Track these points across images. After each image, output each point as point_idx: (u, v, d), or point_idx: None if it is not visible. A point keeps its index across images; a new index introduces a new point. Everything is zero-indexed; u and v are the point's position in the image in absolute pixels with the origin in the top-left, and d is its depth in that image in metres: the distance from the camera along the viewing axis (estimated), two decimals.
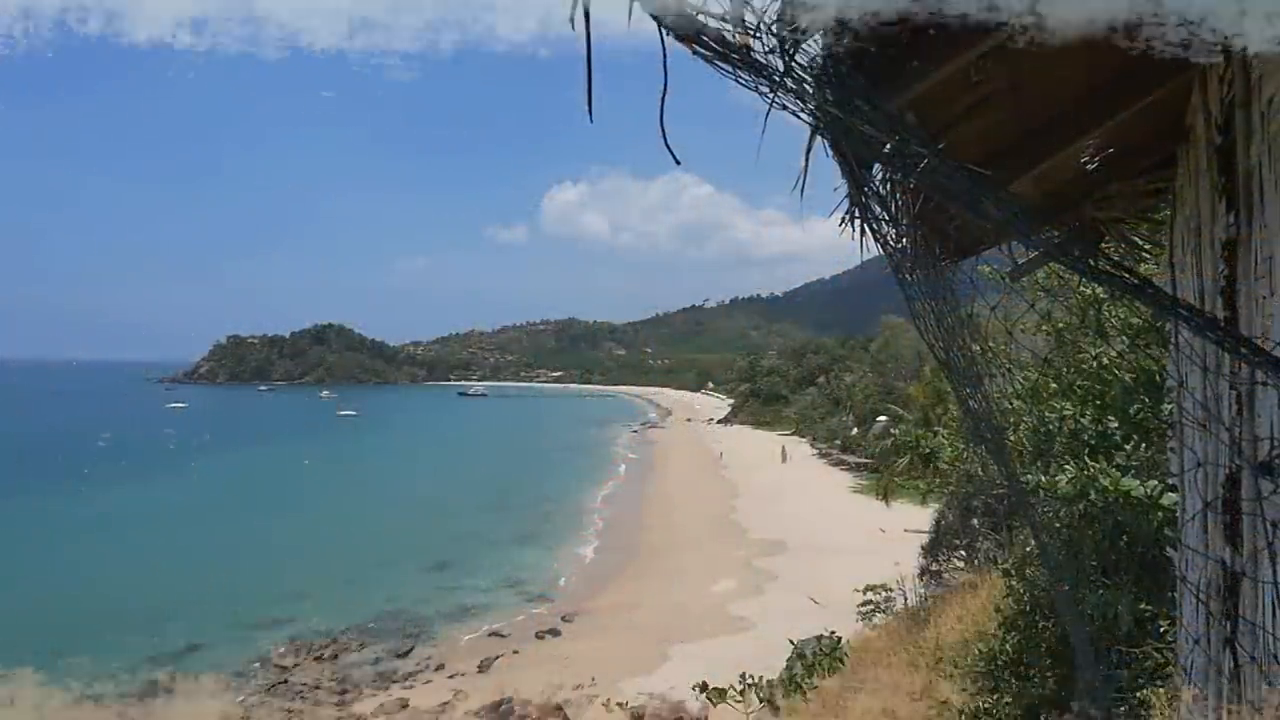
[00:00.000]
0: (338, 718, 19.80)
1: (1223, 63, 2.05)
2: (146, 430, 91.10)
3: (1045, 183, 3.00)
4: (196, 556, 34.48)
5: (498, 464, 66.29)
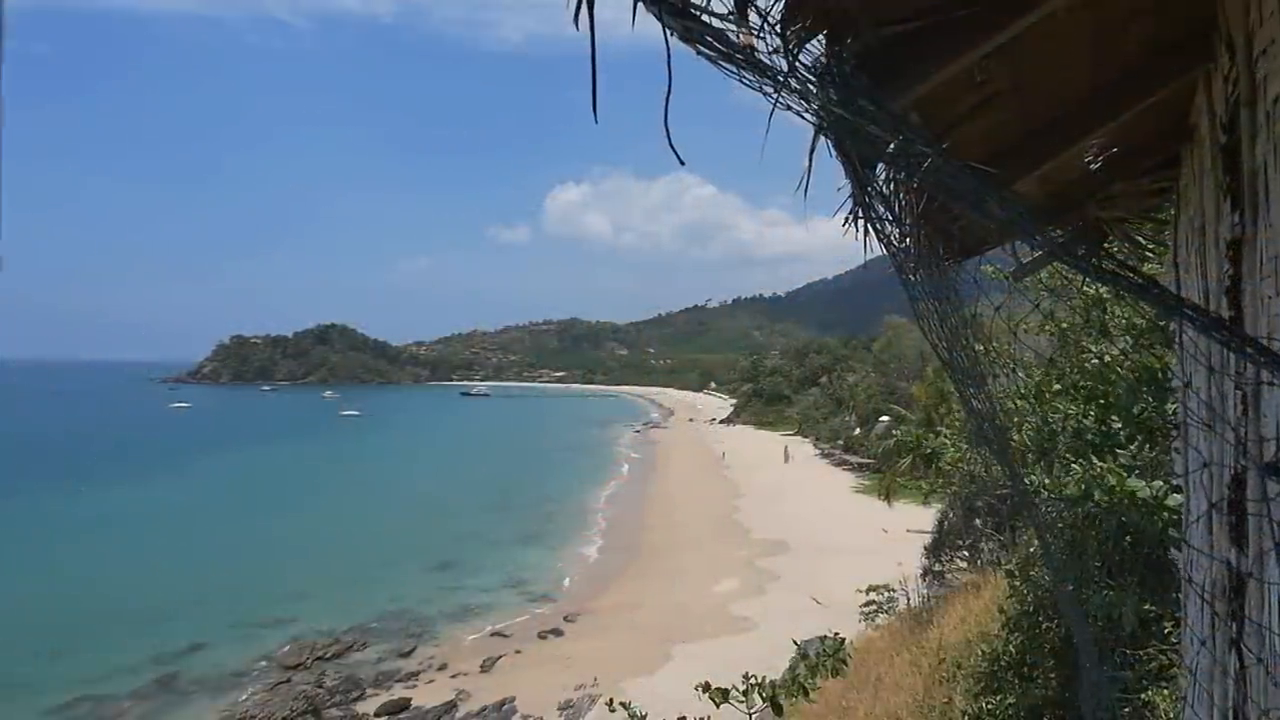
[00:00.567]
0: (340, 717, 19.88)
1: (1227, 61, 2.05)
2: (149, 431, 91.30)
3: (1049, 183, 2.99)
4: (199, 556, 34.54)
5: (500, 464, 66.28)
